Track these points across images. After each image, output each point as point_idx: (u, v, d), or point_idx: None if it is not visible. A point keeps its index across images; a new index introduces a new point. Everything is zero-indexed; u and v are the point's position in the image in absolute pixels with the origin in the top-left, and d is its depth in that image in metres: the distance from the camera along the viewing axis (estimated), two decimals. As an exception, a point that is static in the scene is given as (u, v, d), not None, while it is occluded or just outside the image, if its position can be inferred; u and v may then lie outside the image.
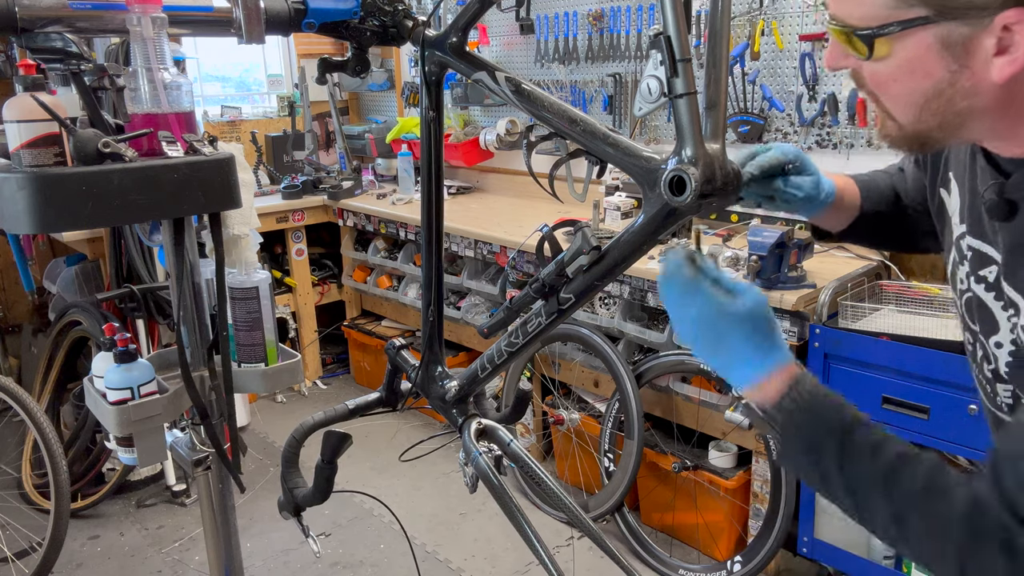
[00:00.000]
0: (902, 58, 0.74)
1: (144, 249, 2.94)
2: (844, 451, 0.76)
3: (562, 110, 1.08)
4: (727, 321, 0.82)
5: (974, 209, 0.89)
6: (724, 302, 0.82)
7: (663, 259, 0.89)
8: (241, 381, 1.50)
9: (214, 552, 1.59)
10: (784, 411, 0.81)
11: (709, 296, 0.83)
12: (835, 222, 1.14)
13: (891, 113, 0.79)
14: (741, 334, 0.82)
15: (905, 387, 2.00)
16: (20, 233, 2.71)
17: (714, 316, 0.82)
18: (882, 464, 0.75)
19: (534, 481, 2.70)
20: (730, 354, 0.83)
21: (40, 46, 1.13)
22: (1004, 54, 0.70)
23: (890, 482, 0.74)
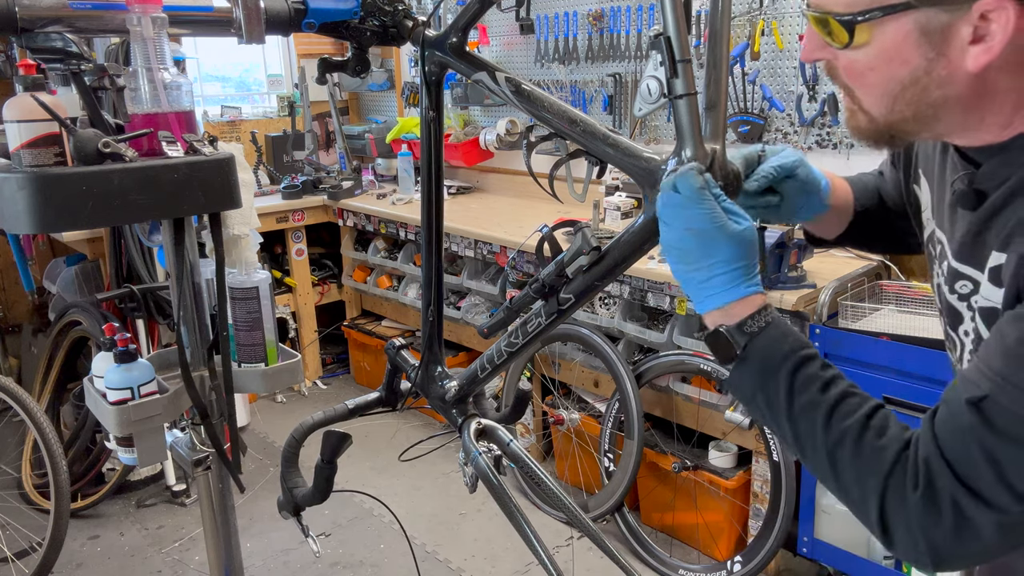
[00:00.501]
0: (881, 45, 0.74)
1: (144, 249, 2.94)
2: (796, 378, 0.80)
3: (562, 110, 1.08)
4: (720, 237, 0.83)
5: (941, 203, 0.90)
6: (722, 218, 0.84)
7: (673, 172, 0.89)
8: (241, 381, 1.50)
9: (214, 552, 1.59)
10: (745, 333, 0.83)
11: (711, 210, 0.83)
12: (831, 226, 1.14)
13: (863, 105, 0.80)
14: (728, 254, 0.83)
15: (905, 387, 2.00)
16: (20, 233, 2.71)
17: (708, 229, 0.83)
18: (830, 398, 0.78)
19: (534, 481, 2.70)
20: (711, 270, 0.84)
21: (40, 46, 1.13)
22: (980, 43, 0.70)
23: (833, 415, 0.77)
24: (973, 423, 0.69)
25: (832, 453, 0.77)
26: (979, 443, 0.69)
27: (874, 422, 0.76)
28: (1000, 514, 0.68)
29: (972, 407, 0.69)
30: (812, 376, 0.79)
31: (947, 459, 0.70)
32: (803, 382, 0.79)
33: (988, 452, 0.68)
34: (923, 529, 0.71)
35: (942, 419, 0.72)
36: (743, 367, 0.84)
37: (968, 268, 0.83)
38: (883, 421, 0.76)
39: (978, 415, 0.69)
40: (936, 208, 0.92)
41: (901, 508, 0.72)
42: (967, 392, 0.70)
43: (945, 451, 0.71)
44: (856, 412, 0.77)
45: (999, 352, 0.70)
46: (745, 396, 0.85)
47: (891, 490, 0.73)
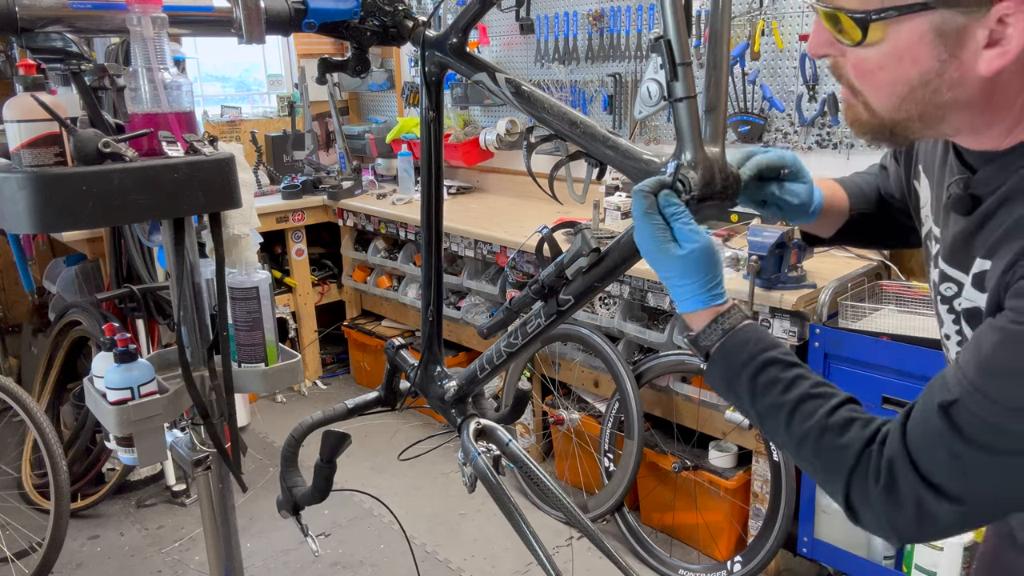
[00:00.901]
0: (893, 45, 0.73)
1: (144, 249, 2.94)
2: (756, 383, 0.84)
3: (562, 112, 1.08)
4: (663, 259, 0.87)
5: (939, 201, 0.91)
6: (664, 241, 0.87)
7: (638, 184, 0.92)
8: (241, 381, 1.50)
9: (214, 552, 1.59)
10: (705, 342, 0.88)
11: (652, 230, 0.87)
12: (824, 229, 1.14)
13: (869, 102, 0.79)
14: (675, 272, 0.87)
15: (905, 387, 2.00)
16: (20, 233, 2.71)
17: (650, 251, 0.88)
18: (790, 400, 0.81)
19: (533, 481, 2.70)
20: (668, 283, 0.90)
21: (40, 46, 1.13)
22: (994, 47, 0.70)
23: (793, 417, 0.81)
24: (942, 427, 0.71)
25: (798, 453, 0.81)
26: (946, 446, 0.71)
27: (833, 421, 0.79)
28: (961, 507, 0.72)
29: (942, 411, 0.71)
30: (772, 380, 0.83)
31: (912, 458, 0.73)
32: (764, 386, 0.83)
33: (954, 455, 0.71)
34: (887, 516, 0.75)
35: (915, 420, 0.75)
36: (710, 371, 0.89)
37: (954, 271, 0.84)
38: (844, 418, 0.79)
39: (947, 419, 0.71)
40: (934, 207, 0.93)
41: (865, 501, 0.76)
42: (940, 395, 0.72)
43: (912, 450, 0.73)
44: (815, 413, 0.80)
45: (974, 360, 0.71)
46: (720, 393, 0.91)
47: (854, 485, 0.77)
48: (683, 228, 0.87)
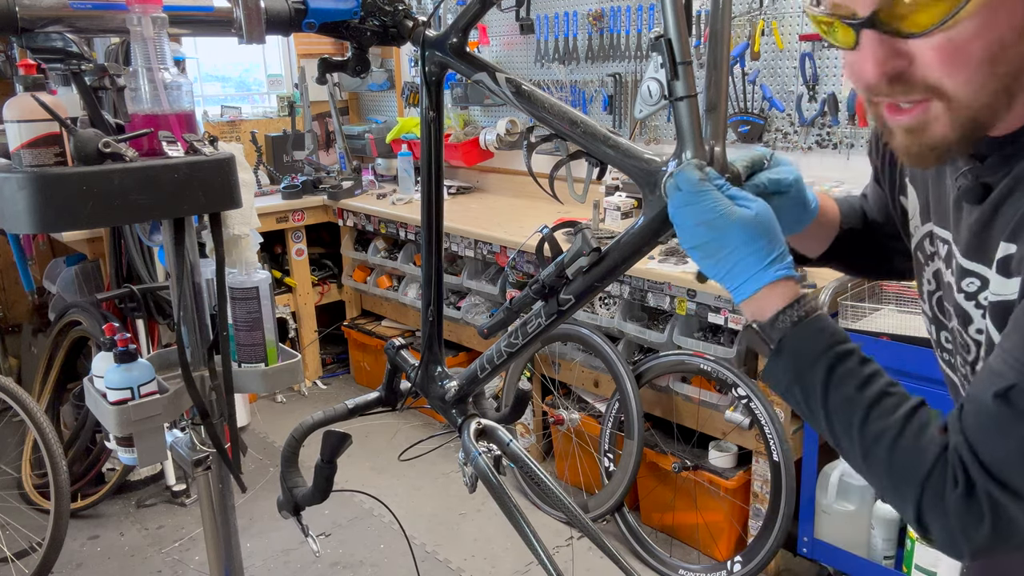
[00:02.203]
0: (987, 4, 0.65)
1: (144, 249, 2.94)
2: (832, 375, 0.77)
3: (562, 112, 1.08)
4: (729, 224, 0.81)
5: (941, 202, 0.88)
6: (728, 205, 0.82)
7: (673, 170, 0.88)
8: (241, 381, 1.50)
9: (214, 552, 1.59)
10: (779, 328, 0.80)
11: (714, 200, 0.82)
12: (816, 244, 1.12)
13: (957, 96, 0.70)
14: (742, 238, 0.80)
15: (905, 387, 1.99)
16: (20, 233, 2.71)
17: (716, 219, 0.81)
18: (867, 396, 0.75)
19: (533, 481, 2.70)
20: (731, 259, 0.81)
21: (40, 46, 1.13)
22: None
23: (870, 414, 0.75)
24: (1002, 415, 0.67)
25: (869, 452, 0.75)
26: (1010, 434, 0.67)
27: (912, 423, 0.74)
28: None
29: (999, 399, 0.67)
30: (849, 372, 0.77)
31: (980, 458, 0.68)
32: (840, 378, 0.77)
33: (1020, 441, 0.66)
34: (963, 527, 0.70)
35: (969, 416, 0.70)
36: (778, 360, 0.81)
37: (976, 265, 0.81)
38: (922, 421, 0.74)
39: (1007, 406, 0.67)
40: (935, 208, 0.91)
41: (939, 509, 0.71)
42: (993, 385, 0.68)
43: (977, 449, 0.69)
44: (894, 412, 0.74)
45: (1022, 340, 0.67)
46: (780, 388, 0.83)
47: (928, 492, 0.71)
48: (740, 192, 0.84)
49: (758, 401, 2.29)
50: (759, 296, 0.81)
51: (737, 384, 2.34)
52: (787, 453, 2.27)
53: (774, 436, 2.28)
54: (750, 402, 2.31)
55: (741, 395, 2.33)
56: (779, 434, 2.27)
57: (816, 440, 2.29)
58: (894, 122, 0.76)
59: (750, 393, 2.30)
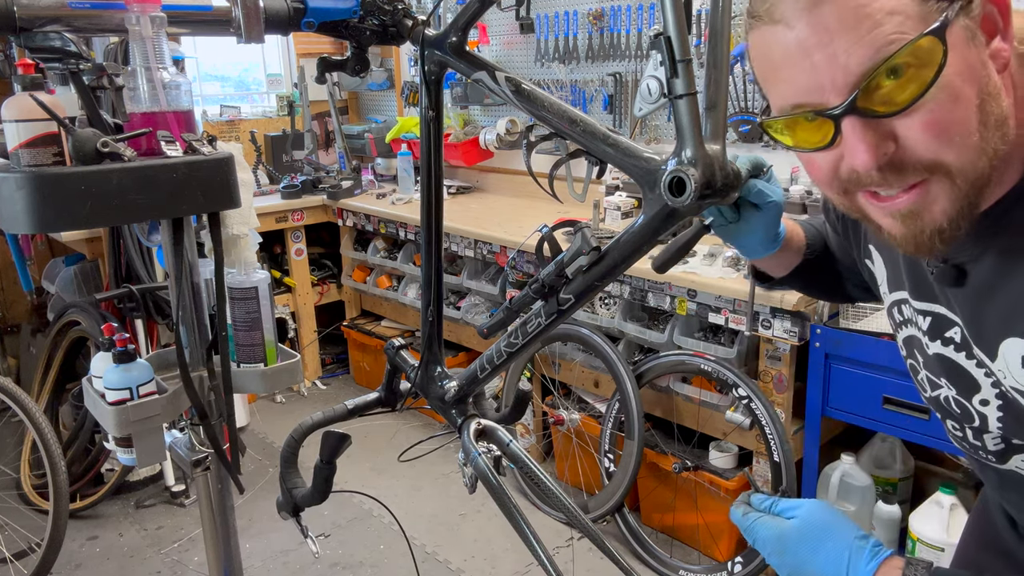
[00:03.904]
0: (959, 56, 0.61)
1: (143, 249, 2.93)
2: None
3: (562, 110, 1.07)
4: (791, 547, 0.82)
5: (914, 273, 0.85)
6: (780, 529, 0.83)
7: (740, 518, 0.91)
8: (240, 381, 1.50)
9: (213, 553, 1.58)
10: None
11: (765, 530, 0.84)
12: (781, 266, 1.11)
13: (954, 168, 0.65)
14: (808, 550, 0.80)
15: (905, 387, 1.99)
16: (19, 233, 2.71)
17: (778, 546, 0.83)
18: None
19: (533, 482, 2.69)
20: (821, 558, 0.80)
21: (39, 45, 1.13)
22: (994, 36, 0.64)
23: None
24: None
25: None
26: None
27: None
28: None
29: None
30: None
31: None
32: None
33: None
34: None
35: None
36: None
37: (981, 352, 0.78)
38: None
39: None
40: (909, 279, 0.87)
41: None
42: None
43: None
44: None
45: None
46: None
47: None
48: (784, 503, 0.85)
49: (758, 401, 2.29)
50: None
51: (737, 384, 2.33)
52: (788, 454, 2.26)
53: (775, 436, 2.27)
54: (751, 402, 2.30)
55: (742, 395, 2.33)
56: (780, 434, 2.27)
57: (817, 440, 2.29)
58: (884, 210, 0.69)
59: (750, 393, 2.30)
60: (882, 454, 2.34)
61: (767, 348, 2.29)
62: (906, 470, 2.33)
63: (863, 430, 2.24)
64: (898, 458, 2.32)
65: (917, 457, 2.39)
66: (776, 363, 2.29)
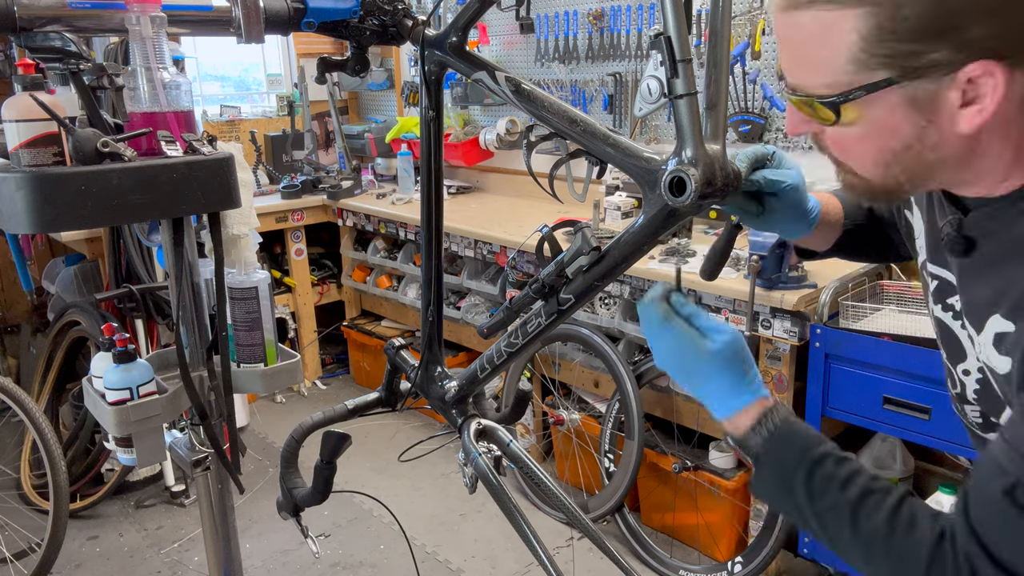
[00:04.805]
0: (870, 120, 0.73)
1: (143, 249, 2.93)
2: (812, 482, 0.79)
3: (562, 110, 1.07)
4: (696, 360, 0.85)
5: (932, 237, 0.89)
6: (694, 341, 0.86)
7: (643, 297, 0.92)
8: (240, 381, 1.50)
9: (213, 553, 1.58)
10: (752, 446, 0.84)
11: (679, 334, 0.87)
12: (822, 240, 1.13)
13: (856, 172, 0.79)
14: (709, 372, 0.85)
15: (906, 387, 1.99)
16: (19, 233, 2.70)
17: (683, 355, 0.86)
18: (851, 497, 0.77)
19: (534, 482, 2.70)
20: (701, 388, 0.87)
21: (39, 45, 1.13)
22: (972, 104, 0.69)
23: (858, 515, 0.76)
24: (1010, 512, 0.66)
25: (865, 552, 0.75)
26: (1019, 531, 0.66)
27: (901, 517, 0.74)
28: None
29: (1007, 496, 0.67)
30: (828, 477, 0.78)
31: (988, 551, 0.67)
32: (821, 484, 0.78)
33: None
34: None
35: (977, 510, 0.69)
36: (760, 476, 0.84)
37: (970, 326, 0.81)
38: (911, 514, 0.74)
39: (1013, 503, 0.66)
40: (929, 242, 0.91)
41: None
42: (1000, 480, 0.67)
43: (985, 541, 0.68)
44: (881, 508, 0.75)
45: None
46: (768, 500, 0.85)
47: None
48: (708, 323, 0.86)
49: (758, 401, 2.28)
50: (732, 417, 0.86)
51: (737, 384, 2.33)
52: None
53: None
54: (750, 402, 2.30)
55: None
56: (779, 434, 2.26)
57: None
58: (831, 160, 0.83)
59: (750, 393, 2.30)
60: (882, 454, 2.34)
61: (767, 348, 2.30)
62: (906, 470, 2.33)
63: (863, 430, 2.24)
64: (898, 458, 2.32)
65: (917, 457, 2.39)
66: (776, 363, 2.28)
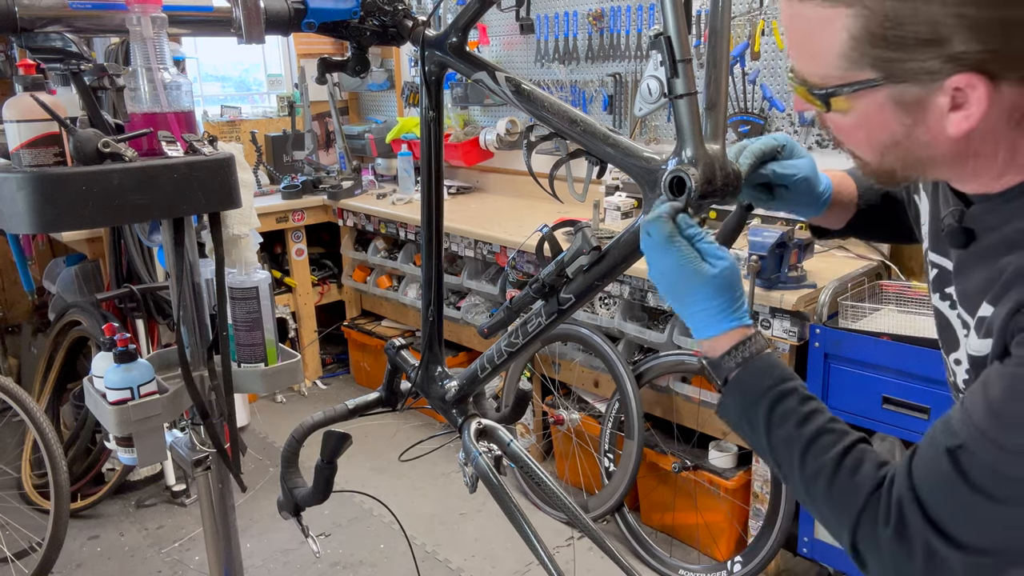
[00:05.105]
0: (859, 113, 0.75)
1: (144, 249, 2.94)
2: (774, 413, 0.82)
3: (562, 110, 1.08)
4: (691, 282, 0.86)
5: (934, 226, 0.90)
6: (694, 262, 0.86)
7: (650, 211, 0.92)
8: (241, 381, 1.50)
9: (214, 552, 1.59)
10: (725, 368, 0.86)
11: (681, 254, 0.86)
12: (835, 220, 1.14)
13: (856, 154, 0.81)
14: (703, 294, 0.86)
15: (905, 387, 2.00)
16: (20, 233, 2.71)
17: (680, 274, 0.86)
18: (806, 433, 0.80)
19: (534, 481, 2.70)
20: (690, 308, 0.88)
21: (40, 46, 1.13)
22: (959, 110, 0.70)
23: (808, 451, 0.79)
24: (949, 471, 0.70)
25: (807, 487, 0.80)
26: (953, 491, 0.70)
27: (848, 460, 0.78)
28: (970, 556, 0.70)
29: (949, 455, 0.70)
30: (789, 411, 0.82)
31: (920, 501, 0.71)
32: (780, 417, 0.82)
33: (961, 501, 0.69)
34: (895, 563, 0.73)
35: (921, 461, 0.73)
36: (726, 399, 0.87)
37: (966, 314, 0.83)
38: (857, 458, 0.78)
39: (954, 465, 0.70)
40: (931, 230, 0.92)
41: (873, 543, 0.75)
42: (947, 440, 0.71)
43: (919, 493, 0.72)
44: (831, 449, 0.78)
45: (982, 405, 0.70)
46: (732, 424, 0.89)
47: (863, 526, 0.75)
48: (710, 248, 0.87)
49: (758, 401, 2.29)
50: (713, 339, 0.87)
51: (737, 384, 2.33)
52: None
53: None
54: (750, 402, 2.30)
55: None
56: (779, 434, 2.27)
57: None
58: None
59: (750, 393, 2.30)
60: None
61: (767, 348, 2.30)
62: (906, 470, 2.33)
63: (863, 430, 2.24)
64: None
65: (917, 457, 2.39)
66: (776, 363, 2.29)
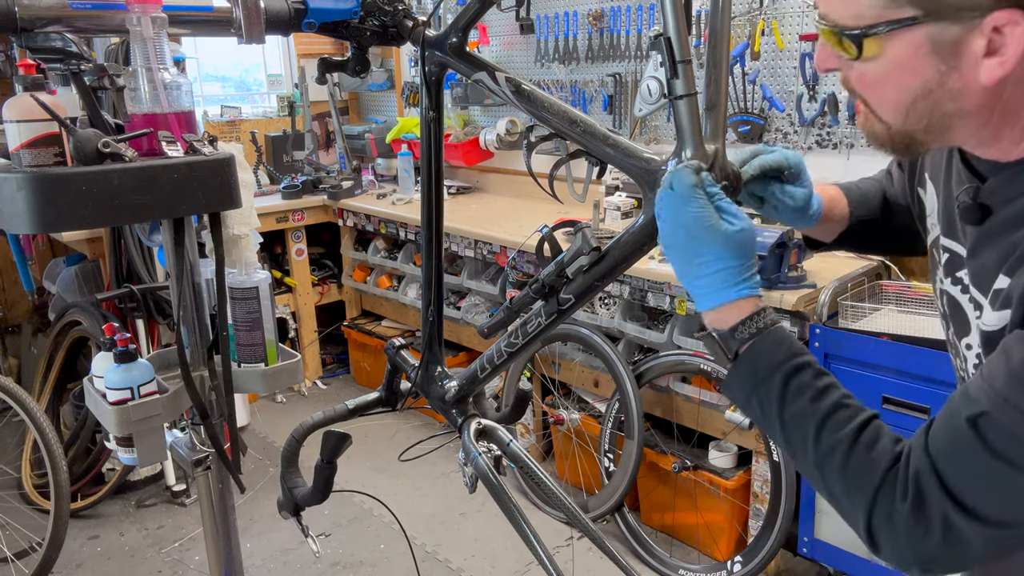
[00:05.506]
0: (891, 58, 0.73)
1: (144, 249, 2.94)
2: (788, 387, 0.79)
3: (562, 111, 1.08)
4: (709, 236, 0.82)
5: (947, 210, 0.89)
6: (713, 217, 0.82)
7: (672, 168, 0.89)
8: (241, 381, 1.50)
9: (214, 552, 1.59)
10: (736, 339, 0.82)
11: (700, 208, 0.83)
12: (825, 233, 1.14)
13: (878, 114, 0.79)
14: (717, 253, 0.81)
15: (905, 387, 2.00)
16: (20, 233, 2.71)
17: (697, 228, 0.82)
18: (821, 408, 0.77)
19: (534, 481, 2.70)
20: (701, 269, 0.83)
21: (40, 46, 1.13)
22: (994, 55, 0.69)
23: (824, 426, 0.77)
24: (970, 439, 0.68)
25: (821, 464, 0.77)
26: (973, 460, 0.68)
27: (864, 435, 0.75)
28: (989, 528, 0.68)
29: (970, 423, 0.68)
30: (804, 385, 0.79)
31: (938, 472, 0.70)
32: (795, 391, 0.79)
33: (981, 469, 0.68)
34: (911, 540, 0.71)
35: (937, 432, 0.72)
36: (736, 372, 0.84)
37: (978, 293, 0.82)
38: (874, 434, 0.75)
39: (975, 432, 0.68)
40: (943, 216, 0.91)
41: (888, 520, 0.72)
42: (967, 408, 0.69)
43: (937, 464, 0.70)
44: (847, 424, 0.76)
45: (1004, 371, 0.68)
46: (739, 400, 0.85)
47: (879, 503, 0.73)
48: (730, 207, 0.84)
49: (758, 401, 2.29)
50: (721, 308, 0.83)
51: (737, 384, 2.33)
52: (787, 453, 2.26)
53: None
54: (750, 402, 2.30)
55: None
56: (779, 434, 2.26)
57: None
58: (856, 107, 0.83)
59: (750, 393, 2.30)
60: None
61: (767, 348, 2.30)
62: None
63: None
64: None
65: (917, 457, 2.39)
66: (776, 363, 2.29)
